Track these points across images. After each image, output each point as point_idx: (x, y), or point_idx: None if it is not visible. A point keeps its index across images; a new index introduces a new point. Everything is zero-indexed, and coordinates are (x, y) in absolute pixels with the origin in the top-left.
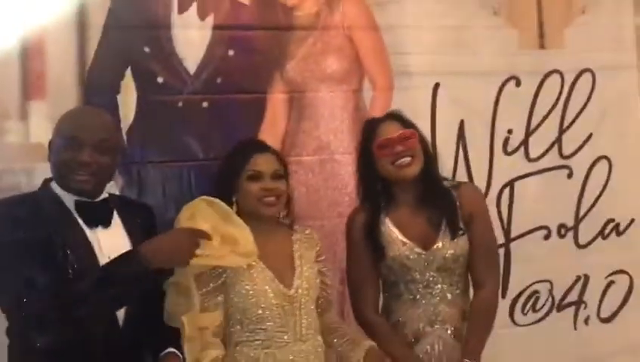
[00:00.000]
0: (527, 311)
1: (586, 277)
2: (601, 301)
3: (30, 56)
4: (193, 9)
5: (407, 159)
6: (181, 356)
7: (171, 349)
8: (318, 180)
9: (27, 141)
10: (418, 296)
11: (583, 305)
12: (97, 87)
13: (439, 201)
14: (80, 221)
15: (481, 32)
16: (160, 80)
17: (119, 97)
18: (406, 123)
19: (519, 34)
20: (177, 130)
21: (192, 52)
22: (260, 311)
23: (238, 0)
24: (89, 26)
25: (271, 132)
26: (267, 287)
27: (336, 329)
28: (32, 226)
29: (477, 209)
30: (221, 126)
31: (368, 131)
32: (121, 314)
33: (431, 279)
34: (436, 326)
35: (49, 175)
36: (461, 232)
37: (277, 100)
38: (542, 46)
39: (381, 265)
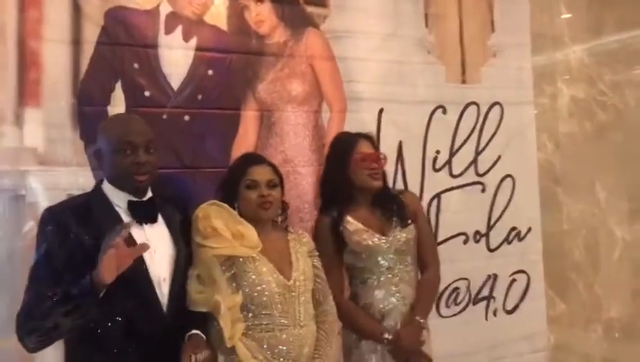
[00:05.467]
0: (450, 304)
1: (495, 276)
2: (506, 296)
3: (27, 65)
4: (178, 31)
5: (377, 175)
6: (204, 336)
7: (195, 331)
8: None
9: (21, 145)
10: (382, 278)
11: (492, 299)
12: (89, 98)
13: (389, 203)
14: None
15: (416, 66)
16: (147, 94)
17: (109, 108)
18: (375, 145)
19: (446, 70)
20: (162, 140)
21: (176, 70)
22: (265, 299)
23: (218, 26)
24: (83, 42)
25: (243, 145)
26: (270, 278)
27: (317, 339)
28: (80, 232)
29: (419, 209)
30: (200, 138)
31: (348, 144)
32: (165, 302)
33: (391, 261)
34: (398, 303)
35: (42, 178)
36: (409, 222)
37: (249, 117)
38: (463, 81)
39: (345, 254)
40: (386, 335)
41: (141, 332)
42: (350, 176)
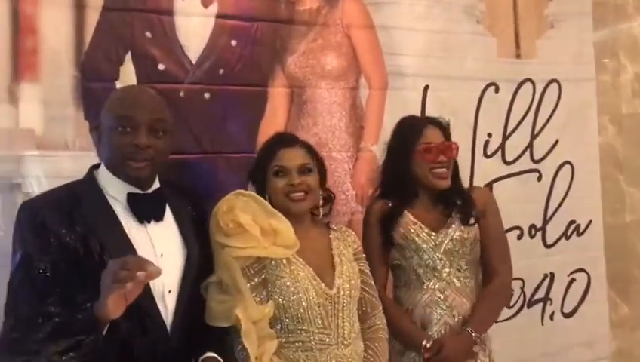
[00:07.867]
0: None
1: (552, 275)
2: (564, 297)
3: (23, 32)
4: None
5: (444, 170)
6: (221, 360)
7: (210, 354)
8: None
9: (16, 126)
10: (425, 281)
11: (549, 302)
12: (95, 72)
13: (454, 198)
14: (121, 219)
15: (464, 37)
16: (161, 67)
17: (118, 84)
18: (446, 133)
19: (498, 42)
20: (179, 121)
21: (194, 40)
22: (302, 311)
23: None
24: (87, 6)
25: (271, 127)
26: (309, 285)
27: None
28: (63, 233)
29: (489, 205)
30: (222, 118)
31: (412, 132)
32: (169, 320)
33: (438, 262)
34: (443, 313)
35: (40, 164)
36: (472, 221)
37: (278, 95)
38: (518, 55)
39: (392, 250)
40: (424, 342)
41: (140, 358)
42: (414, 169)
